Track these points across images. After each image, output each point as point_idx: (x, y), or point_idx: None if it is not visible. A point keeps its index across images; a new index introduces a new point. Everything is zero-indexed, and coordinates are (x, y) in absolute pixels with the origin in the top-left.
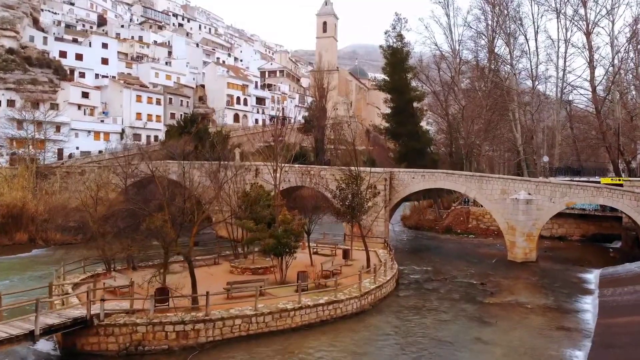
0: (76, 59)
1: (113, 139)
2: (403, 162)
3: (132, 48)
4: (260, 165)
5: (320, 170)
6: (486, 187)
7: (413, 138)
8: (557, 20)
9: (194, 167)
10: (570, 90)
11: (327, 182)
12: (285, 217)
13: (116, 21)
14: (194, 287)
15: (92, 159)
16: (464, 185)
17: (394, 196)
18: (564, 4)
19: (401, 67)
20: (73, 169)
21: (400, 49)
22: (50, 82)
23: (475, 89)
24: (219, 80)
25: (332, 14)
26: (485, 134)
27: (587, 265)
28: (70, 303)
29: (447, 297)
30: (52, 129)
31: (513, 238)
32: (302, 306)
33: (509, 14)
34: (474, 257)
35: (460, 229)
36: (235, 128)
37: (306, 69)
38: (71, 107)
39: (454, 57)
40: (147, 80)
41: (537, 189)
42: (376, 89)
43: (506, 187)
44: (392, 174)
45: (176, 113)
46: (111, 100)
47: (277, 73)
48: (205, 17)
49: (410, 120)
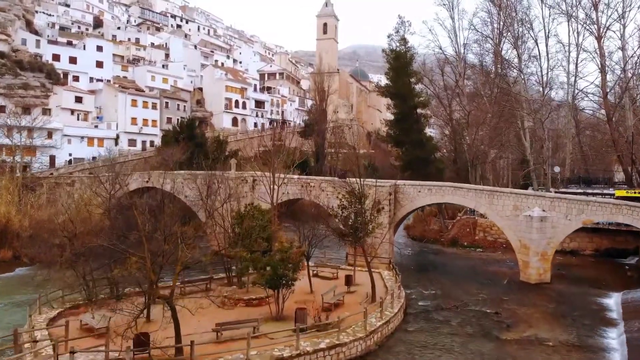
0: (70, 62)
1: (107, 144)
2: (407, 170)
3: (128, 50)
4: (258, 175)
5: (321, 182)
6: (497, 203)
7: (417, 146)
8: (567, 24)
9: (187, 178)
10: (582, 97)
11: (328, 196)
12: (282, 245)
13: (112, 23)
14: (177, 335)
15: (84, 165)
16: (473, 200)
17: (399, 211)
18: (576, 7)
19: (405, 71)
20: (62, 180)
21: (404, 53)
22: (42, 87)
23: (480, 94)
24: (217, 83)
25: (332, 16)
26: (491, 140)
27: (605, 288)
28: (39, 354)
29: (460, 331)
30: (43, 136)
31: (526, 257)
32: (300, 352)
33: (517, 16)
34: (484, 276)
35: (466, 241)
36: (233, 132)
37: (306, 70)
38: (64, 112)
39: (458, 61)
40: (144, 84)
41: (552, 205)
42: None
43: (519, 203)
44: (396, 187)
45: (173, 117)
46: (106, 105)
47: (276, 75)
48: (204, 18)
49: (414, 128)
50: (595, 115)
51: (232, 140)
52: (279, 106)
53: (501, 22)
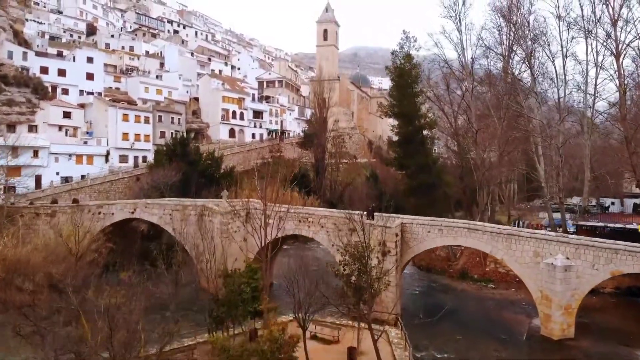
0: (59, 74)
1: (97, 162)
2: (412, 195)
3: (122, 60)
4: (253, 205)
5: (320, 217)
6: (515, 248)
7: (423, 170)
8: (585, 41)
9: (176, 209)
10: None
11: (329, 233)
12: (271, 333)
13: (106, 30)
14: None
15: (72, 186)
16: (488, 244)
17: (406, 252)
18: (595, 24)
19: (410, 91)
20: (42, 210)
21: (409, 70)
22: (28, 102)
23: (490, 114)
24: (214, 93)
25: (333, 21)
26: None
27: (634, 343)
28: None
29: None
30: (29, 154)
31: (548, 310)
32: None
33: (531, 33)
34: (500, 327)
35: (476, 273)
36: (230, 145)
37: (306, 74)
38: (51, 129)
39: (466, 75)
40: (137, 96)
41: (577, 252)
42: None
43: (540, 249)
44: (403, 226)
45: (166, 131)
46: (96, 119)
47: (275, 83)
48: (202, 22)
49: (420, 150)
50: (609, 136)
51: (229, 154)
52: (278, 116)
53: (511, 37)
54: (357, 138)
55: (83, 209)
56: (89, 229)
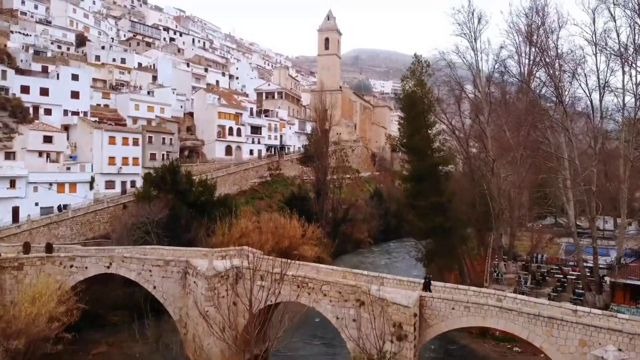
0: (41, 94)
1: (81, 189)
2: (425, 238)
3: (111, 74)
4: (243, 265)
5: (322, 284)
6: (558, 335)
7: (438, 212)
8: (622, 69)
9: (158, 265)
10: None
11: (332, 303)
12: None
13: (97, 41)
14: None
15: (50, 219)
16: (525, 328)
17: (425, 332)
18: (635, 53)
19: (422, 122)
20: (7, 264)
21: (421, 98)
22: (5, 127)
23: (510, 147)
24: (210, 109)
25: (334, 30)
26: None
27: None
28: None
29: None
30: (5, 184)
31: None
32: None
33: (565, 65)
34: None
35: (498, 329)
36: (226, 164)
37: (307, 80)
38: (30, 155)
39: (482, 98)
40: (126, 113)
41: (632, 343)
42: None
43: (586, 338)
44: (422, 300)
45: (157, 153)
46: (80, 143)
47: (275, 95)
48: (200, 27)
49: (435, 189)
50: None
51: (224, 174)
52: (277, 130)
53: (531, 60)
54: (359, 151)
55: (54, 261)
56: (60, 286)
